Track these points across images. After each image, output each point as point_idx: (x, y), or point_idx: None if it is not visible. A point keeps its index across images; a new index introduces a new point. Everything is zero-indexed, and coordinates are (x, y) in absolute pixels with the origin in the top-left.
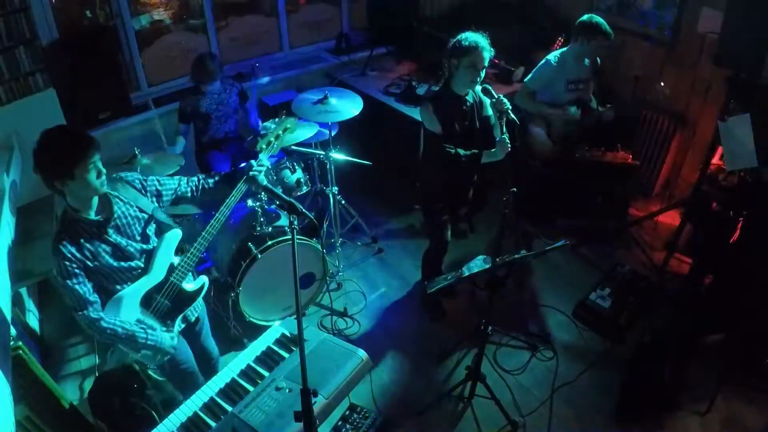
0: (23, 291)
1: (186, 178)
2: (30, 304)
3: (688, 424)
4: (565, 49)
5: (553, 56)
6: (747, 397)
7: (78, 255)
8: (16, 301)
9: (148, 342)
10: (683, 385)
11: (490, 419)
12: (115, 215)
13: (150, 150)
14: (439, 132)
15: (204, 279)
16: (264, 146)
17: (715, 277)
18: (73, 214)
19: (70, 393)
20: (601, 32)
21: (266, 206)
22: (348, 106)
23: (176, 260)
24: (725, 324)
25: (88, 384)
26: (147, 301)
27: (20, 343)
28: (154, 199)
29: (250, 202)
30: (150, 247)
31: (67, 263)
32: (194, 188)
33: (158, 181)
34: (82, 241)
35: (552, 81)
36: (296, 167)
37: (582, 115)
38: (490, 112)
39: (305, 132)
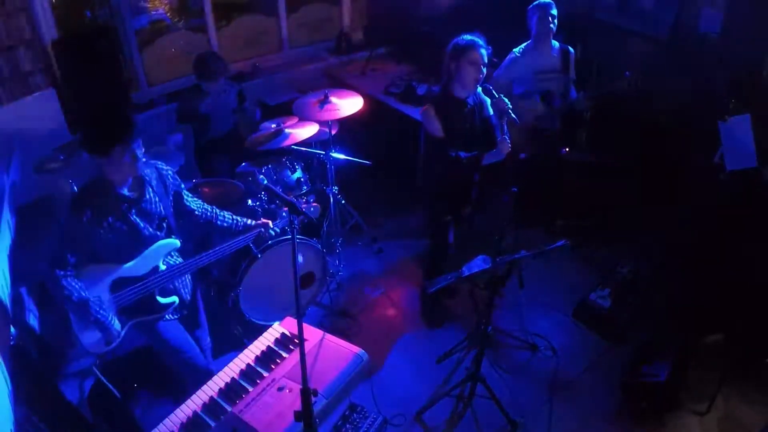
0: (23, 291)
1: (202, 203)
2: (30, 304)
3: (688, 424)
4: (528, 41)
5: (517, 49)
6: (747, 397)
7: (91, 224)
8: (16, 301)
9: (99, 317)
10: (683, 385)
11: (490, 419)
12: (146, 197)
13: (149, 150)
14: (441, 134)
15: (175, 299)
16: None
17: (715, 277)
18: (107, 184)
19: (70, 393)
20: (539, 6)
21: (266, 206)
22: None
23: (163, 266)
24: (725, 324)
25: (88, 384)
26: (116, 287)
27: (20, 343)
28: (172, 198)
29: (250, 202)
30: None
31: (77, 227)
32: (203, 213)
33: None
34: (104, 212)
35: (519, 72)
36: (296, 167)
37: (552, 104)
38: (491, 112)
39: (306, 132)
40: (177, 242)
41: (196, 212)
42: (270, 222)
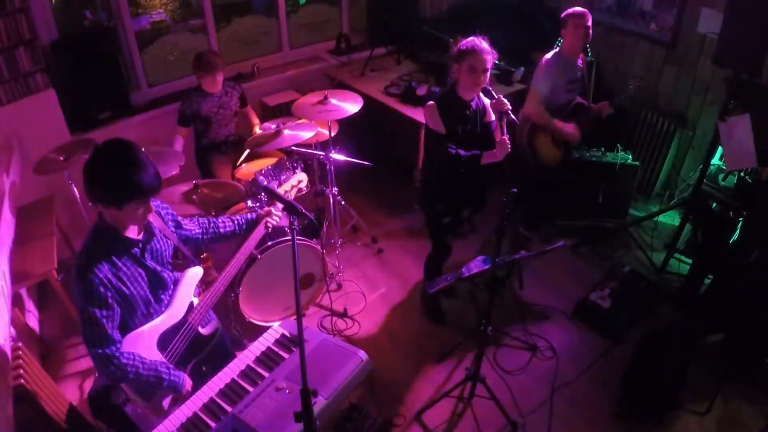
0: (23, 291)
1: (197, 219)
2: (30, 304)
3: (688, 424)
4: (556, 49)
5: (549, 57)
6: (747, 397)
7: (114, 280)
8: (16, 301)
9: (171, 381)
10: (683, 385)
11: (490, 419)
12: (154, 237)
13: (150, 151)
14: (442, 132)
15: (217, 322)
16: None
17: (715, 277)
18: (111, 230)
19: (70, 393)
20: (580, 15)
21: (266, 206)
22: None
23: (195, 300)
24: (725, 324)
25: (88, 384)
26: (163, 343)
27: (20, 343)
28: (174, 228)
29: (249, 203)
30: (177, 279)
31: (102, 289)
32: (204, 230)
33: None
34: (118, 262)
35: (555, 82)
36: (296, 168)
37: (580, 118)
38: (492, 117)
39: (305, 133)
40: (200, 270)
41: (199, 233)
42: (272, 208)
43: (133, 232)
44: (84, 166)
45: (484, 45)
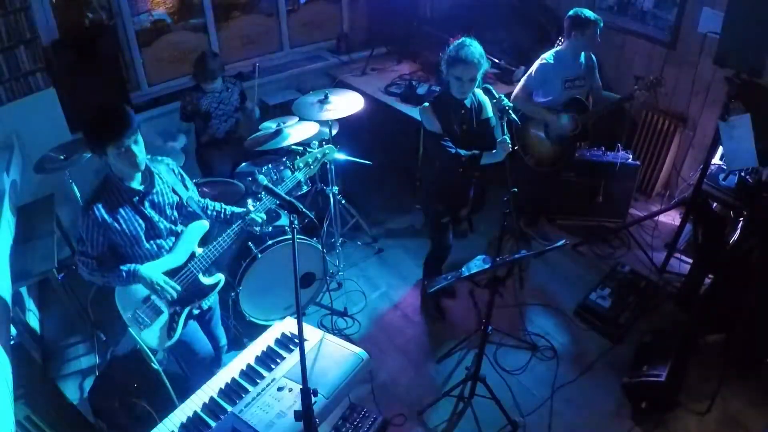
0: (23, 291)
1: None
2: (30, 304)
3: (688, 424)
4: (559, 48)
5: (549, 56)
6: (747, 397)
7: (108, 219)
8: (16, 301)
9: (129, 271)
10: (683, 385)
11: (490, 419)
12: (155, 189)
13: (151, 149)
14: (439, 131)
15: (220, 276)
16: (301, 165)
17: (715, 277)
18: (116, 180)
19: (70, 393)
20: (591, 21)
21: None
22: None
23: (198, 250)
24: (725, 324)
25: (88, 384)
26: None
27: (20, 342)
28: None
29: (250, 202)
30: (178, 229)
31: (96, 228)
32: (215, 213)
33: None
34: (118, 207)
35: (549, 80)
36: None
37: (579, 114)
38: (489, 114)
39: (305, 132)
40: (206, 224)
41: (208, 210)
42: (250, 206)
43: (135, 182)
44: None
45: (473, 55)
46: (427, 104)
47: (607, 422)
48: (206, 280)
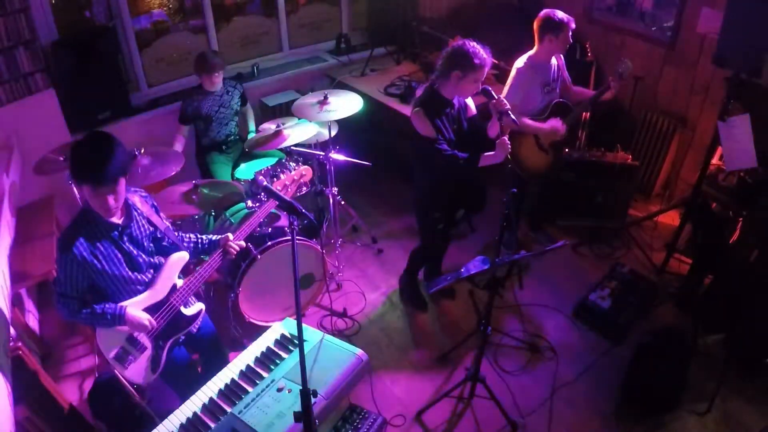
0: (23, 291)
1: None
2: (30, 305)
3: (688, 424)
4: (531, 52)
5: (521, 63)
6: (747, 397)
7: (88, 258)
8: (16, 302)
9: (105, 310)
10: (683, 385)
11: (490, 419)
12: (132, 223)
13: (150, 151)
14: (434, 136)
15: (201, 306)
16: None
17: (715, 277)
18: (94, 214)
19: (70, 393)
20: (564, 24)
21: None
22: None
23: (179, 282)
24: (725, 324)
25: (88, 385)
26: None
27: (20, 343)
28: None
29: (249, 203)
30: (156, 262)
31: (76, 268)
32: (192, 244)
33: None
34: (96, 243)
35: (528, 88)
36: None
37: (565, 117)
38: (474, 111)
39: (305, 132)
40: (186, 255)
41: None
42: (229, 235)
43: (114, 217)
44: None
45: (487, 56)
46: (419, 109)
47: (607, 422)
48: (187, 311)
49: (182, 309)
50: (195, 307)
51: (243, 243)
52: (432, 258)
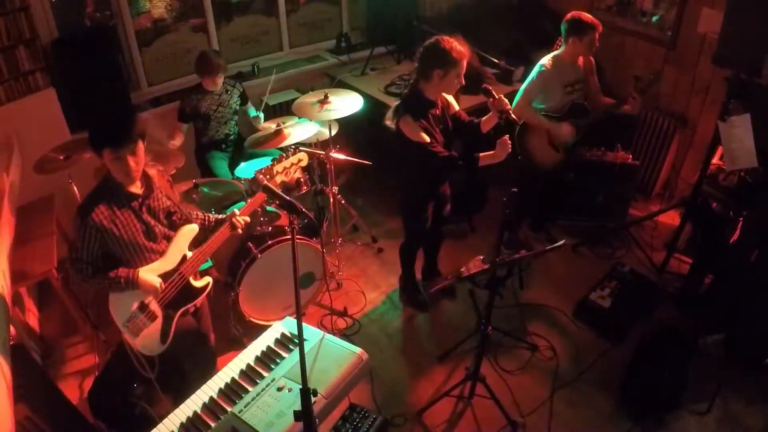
0: (23, 290)
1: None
2: (30, 304)
3: (688, 424)
4: (557, 52)
5: (546, 61)
6: (747, 397)
7: (107, 225)
8: (16, 301)
9: (118, 276)
10: (683, 385)
11: (490, 419)
12: (152, 194)
13: (149, 149)
14: (426, 140)
15: (209, 278)
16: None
17: (715, 277)
18: (116, 184)
19: (70, 393)
20: (591, 27)
21: (266, 206)
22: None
23: (189, 253)
24: (725, 324)
25: (88, 384)
26: None
27: (20, 342)
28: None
29: (249, 202)
30: (170, 233)
31: (93, 233)
32: (199, 221)
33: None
34: (116, 210)
35: (550, 86)
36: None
37: (580, 119)
38: (457, 108)
39: (305, 132)
40: (196, 227)
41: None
42: (236, 210)
43: (134, 186)
44: None
45: (463, 47)
46: (407, 116)
47: (606, 422)
48: (197, 283)
49: (191, 280)
50: (204, 280)
51: (248, 218)
52: (419, 245)
